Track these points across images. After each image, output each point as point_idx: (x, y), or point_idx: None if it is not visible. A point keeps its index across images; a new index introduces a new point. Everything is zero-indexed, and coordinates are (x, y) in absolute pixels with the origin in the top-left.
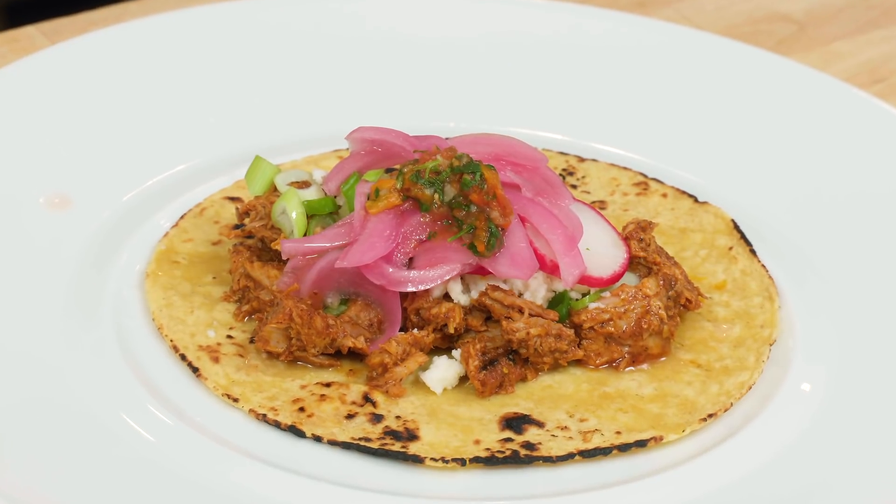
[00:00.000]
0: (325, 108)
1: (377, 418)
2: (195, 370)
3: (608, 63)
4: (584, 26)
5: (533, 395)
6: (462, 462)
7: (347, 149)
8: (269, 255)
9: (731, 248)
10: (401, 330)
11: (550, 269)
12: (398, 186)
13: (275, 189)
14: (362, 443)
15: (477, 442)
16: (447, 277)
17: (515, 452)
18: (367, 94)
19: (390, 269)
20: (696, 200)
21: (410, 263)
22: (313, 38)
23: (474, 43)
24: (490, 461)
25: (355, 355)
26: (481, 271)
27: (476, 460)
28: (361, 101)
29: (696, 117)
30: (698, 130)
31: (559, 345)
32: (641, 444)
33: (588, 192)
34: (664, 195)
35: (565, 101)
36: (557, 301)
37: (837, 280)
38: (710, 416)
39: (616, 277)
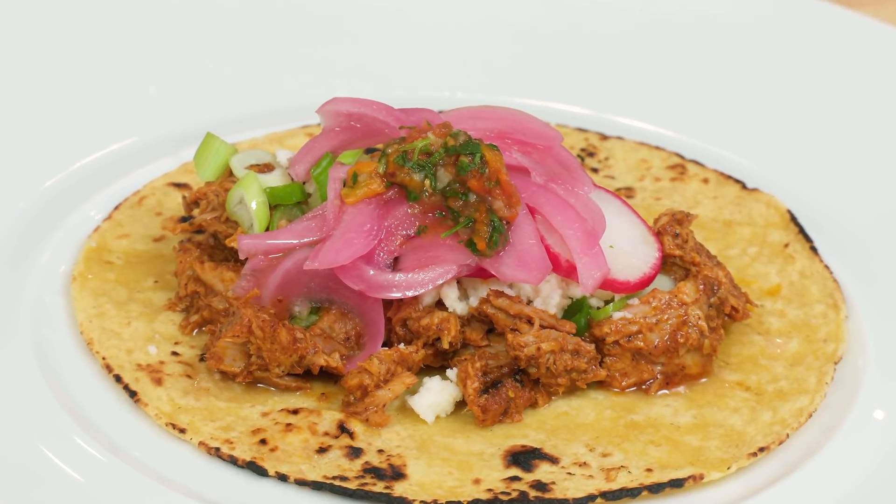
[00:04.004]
0: (291, 75)
1: (355, 452)
2: (133, 394)
3: (636, 21)
4: None
5: (545, 424)
6: None
7: (318, 124)
8: (223, 253)
9: (786, 245)
10: (384, 345)
11: (566, 270)
12: (381, 170)
13: (230, 173)
14: (337, 482)
15: (477, 481)
16: (440, 281)
17: (524, 494)
18: (342, 58)
19: (371, 272)
20: (743, 187)
21: (396, 264)
22: None
23: None
24: None
25: (329, 376)
26: (482, 274)
27: (476, 503)
28: (336, 66)
29: (743, 86)
30: (746, 102)
31: (577, 363)
32: (677, 483)
33: (612, 178)
34: (705, 181)
35: (584, 66)
36: (575, 310)
37: None
38: (762, 450)
39: (646, 281)
